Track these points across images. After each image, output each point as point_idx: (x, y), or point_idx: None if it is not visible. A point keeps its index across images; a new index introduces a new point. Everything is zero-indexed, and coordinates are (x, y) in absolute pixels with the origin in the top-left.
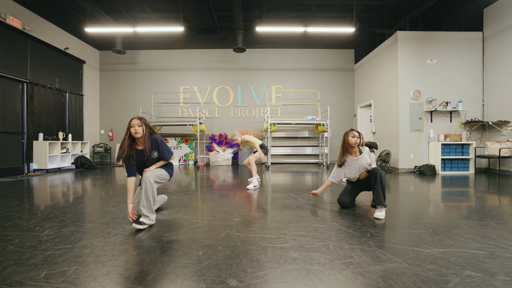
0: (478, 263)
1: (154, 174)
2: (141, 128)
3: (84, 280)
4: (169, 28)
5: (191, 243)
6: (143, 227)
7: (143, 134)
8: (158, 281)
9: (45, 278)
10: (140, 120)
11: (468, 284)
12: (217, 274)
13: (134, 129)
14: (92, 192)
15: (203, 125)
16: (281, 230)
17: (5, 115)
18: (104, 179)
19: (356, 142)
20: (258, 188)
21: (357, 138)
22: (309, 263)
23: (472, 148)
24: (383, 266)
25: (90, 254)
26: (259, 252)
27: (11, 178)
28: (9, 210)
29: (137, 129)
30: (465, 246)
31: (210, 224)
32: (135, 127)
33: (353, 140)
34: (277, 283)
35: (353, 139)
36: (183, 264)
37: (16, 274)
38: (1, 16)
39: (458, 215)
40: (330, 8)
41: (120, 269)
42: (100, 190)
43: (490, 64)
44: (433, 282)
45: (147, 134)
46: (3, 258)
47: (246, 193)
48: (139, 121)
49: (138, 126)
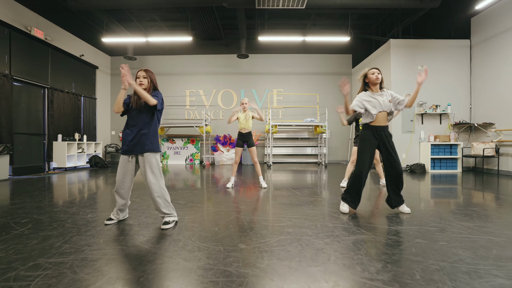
0: (428, 235)
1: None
2: (146, 80)
3: (134, 242)
4: (179, 38)
5: (207, 223)
6: (170, 226)
7: (148, 86)
8: (188, 246)
9: (104, 243)
10: (146, 72)
11: (414, 246)
12: (230, 241)
13: (139, 80)
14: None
15: (209, 126)
16: (279, 214)
17: (29, 118)
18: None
19: (377, 78)
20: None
21: (378, 74)
22: (300, 235)
23: (460, 148)
24: (355, 237)
25: (133, 228)
26: (262, 228)
27: (36, 175)
28: (51, 200)
29: (142, 81)
30: (426, 225)
31: (221, 211)
32: (140, 78)
33: (373, 77)
34: (275, 246)
35: (373, 75)
36: (204, 235)
37: (81, 241)
38: (27, 28)
39: (433, 204)
40: (328, 16)
41: (155, 236)
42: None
43: (477, 70)
44: (389, 246)
45: (152, 87)
46: (65, 231)
47: (249, 188)
48: (145, 73)
49: (143, 78)
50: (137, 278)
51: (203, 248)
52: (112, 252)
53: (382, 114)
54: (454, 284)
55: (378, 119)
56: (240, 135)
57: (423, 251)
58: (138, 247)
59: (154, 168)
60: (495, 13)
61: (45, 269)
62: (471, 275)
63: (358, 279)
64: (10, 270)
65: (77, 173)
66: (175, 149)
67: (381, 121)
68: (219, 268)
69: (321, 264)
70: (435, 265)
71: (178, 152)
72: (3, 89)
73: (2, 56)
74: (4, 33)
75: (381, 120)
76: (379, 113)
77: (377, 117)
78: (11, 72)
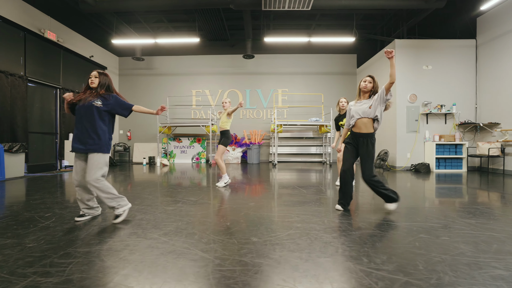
0: (432, 231)
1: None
2: (97, 80)
3: (152, 235)
4: (186, 39)
5: (220, 218)
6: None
7: (97, 85)
8: (203, 239)
9: (125, 236)
10: (98, 73)
11: (417, 241)
12: (243, 235)
13: (91, 79)
14: (126, 184)
15: (215, 126)
16: (287, 211)
17: (43, 118)
18: (130, 175)
19: (365, 87)
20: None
21: (368, 83)
22: (308, 230)
23: (465, 148)
24: (361, 232)
25: (150, 223)
26: (272, 223)
27: (49, 173)
28: (69, 196)
29: (93, 80)
30: (429, 221)
31: (231, 207)
32: (92, 78)
33: (362, 84)
34: (285, 239)
35: (364, 83)
36: (218, 230)
37: (103, 233)
38: (41, 31)
39: (437, 203)
40: (332, 16)
41: (172, 230)
42: (130, 183)
43: (482, 69)
44: (394, 240)
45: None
46: (87, 225)
47: (255, 186)
48: (97, 73)
49: (94, 77)
50: (162, 266)
51: (218, 241)
52: (134, 243)
53: (361, 120)
54: (455, 274)
55: (357, 126)
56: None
57: (426, 245)
58: (157, 240)
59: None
60: (501, 13)
61: (75, 258)
62: (471, 267)
63: (365, 269)
64: (45, 258)
65: None
66: (181, 148)
67: (360, 127)
68: (234, 259)
69: (329, 256)
70: (437, 257)
71: (184, 151)
72: (19, 89)
73: (17, 58)
74: (20, 36)
75: (361, 126)
76: (358, 120)
77: (356, 123)
78: (26, 73)
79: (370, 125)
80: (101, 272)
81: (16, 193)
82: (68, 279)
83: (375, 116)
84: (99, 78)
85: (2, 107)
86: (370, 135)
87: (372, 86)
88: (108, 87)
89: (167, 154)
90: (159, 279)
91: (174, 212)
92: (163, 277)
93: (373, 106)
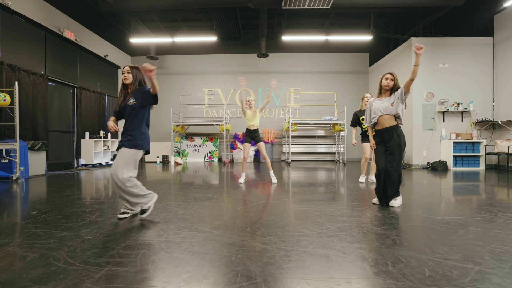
0: (479, 224)
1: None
2: (130, 75)
3: (204, 228)
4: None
5: (261, 212)
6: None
7: (132, 81)
8: (256, 231)
9: (177, 229)
10: (130, 67)
11: (470, 233)
12: (294, 228)
13: (124, 75)
14: (147, 181)
15: (228, 124)
16: (324, 205)
17: (61, 116)
18: (145, 173)
19: (387, 85)
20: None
21: (390, 80)
22: (356, 223)
23: (483, 146)
24: (411, 224)
25: (194, 217)
26: (316, 217)
27: (68, 171)
28: (99, 192)
29: (126, 76)
30: (471, 215)
31: (267, 203)
32: (124, 74)
33: (384, 82)
34: (338, 231)
35: (386, 81)
36: (266, 223)
37: (154, 226)
38: (60, 30)
39: (470, 199)
40: (347, 15)
41: (228, 217)
42: (151, 180)
43: (500, 67)
44: (447, 232)
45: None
46: (132, 218)
47: (279, 183)
48: (129, 68)
49: (127, 73)
50: (228, 258)
51: (272, 234)
52: (189, 236)
53: (383, 117)
54: None
55: (380, 123)
56: (248, 131)
57: (480, 237)
58: (211, 233)
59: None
60: None
61: (139, 249)
62: None
63: (432, 258)
64: (110, 249)
65: (103, 170)
66: (194, 146)
67: (383, 124)
68: (298, 250)
69: (390, 246)
70: (498, 248)
71: (197, 150)
72: (40, 88)
73: (38, 57)
74: (40, 35)
75: (383, 123)
76: (380, 117)
77: (378, 120)
78: (46, 72)
79: (392, 120)
80: (170, 262)
81: (47, 189)
82: (142, 268)
83: (397, 113)
84: (132, 73)
85: (25, 106)
86: (394, 127)
87: (393, 84)
88: (140, 81)
89: (180, 153)
90: (235, 270)
91: (213, 207)
92: (236, 269)
93: (395, 104)
